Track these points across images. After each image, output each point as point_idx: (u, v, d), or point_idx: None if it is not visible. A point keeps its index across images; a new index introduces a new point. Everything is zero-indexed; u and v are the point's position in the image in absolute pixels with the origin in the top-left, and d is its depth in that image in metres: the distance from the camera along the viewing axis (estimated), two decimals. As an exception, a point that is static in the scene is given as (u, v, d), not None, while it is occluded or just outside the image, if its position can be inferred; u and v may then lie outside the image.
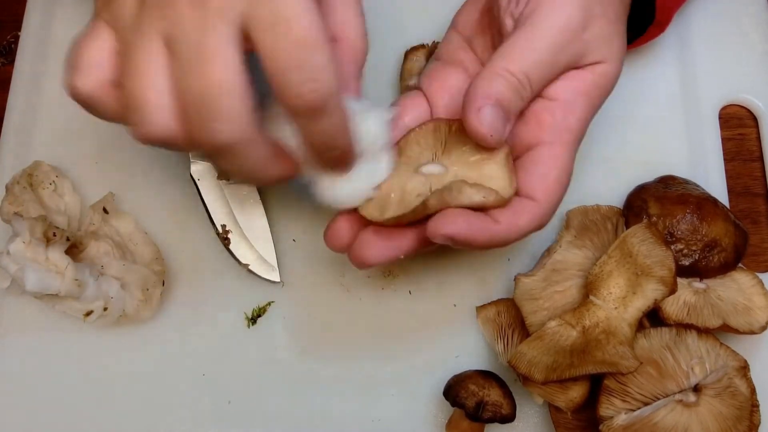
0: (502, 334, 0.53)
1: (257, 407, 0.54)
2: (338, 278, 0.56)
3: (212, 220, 0.56)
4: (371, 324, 0.55)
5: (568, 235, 0.54)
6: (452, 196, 0.43)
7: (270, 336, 0.55)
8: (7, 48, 0.64)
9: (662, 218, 0.51)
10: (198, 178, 0.56)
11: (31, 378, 0.54)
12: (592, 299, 0.48)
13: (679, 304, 0.50)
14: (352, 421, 0.53)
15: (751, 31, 0.62)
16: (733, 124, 0.61)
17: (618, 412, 0.47)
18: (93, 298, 0.52)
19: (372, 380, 0.54)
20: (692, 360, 0.48)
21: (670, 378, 0.48)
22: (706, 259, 0.51)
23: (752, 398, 0.48)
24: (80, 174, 0.59)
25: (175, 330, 0.55)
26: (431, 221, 0.44)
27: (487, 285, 0.56)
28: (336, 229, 0.47)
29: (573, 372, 0.46)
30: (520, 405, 0.50)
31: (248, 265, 0.55)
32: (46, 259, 0.50)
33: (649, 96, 0.60)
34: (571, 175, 0.47)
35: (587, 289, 0.49)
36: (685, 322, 0.49)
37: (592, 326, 0.48)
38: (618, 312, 0.48)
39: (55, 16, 0.63)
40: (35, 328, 0.55)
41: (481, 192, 0.43)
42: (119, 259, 0.54)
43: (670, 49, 0.61)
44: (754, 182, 0.59)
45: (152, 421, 0.53)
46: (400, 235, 0.45)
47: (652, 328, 0.50)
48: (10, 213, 0.53)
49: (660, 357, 0.49)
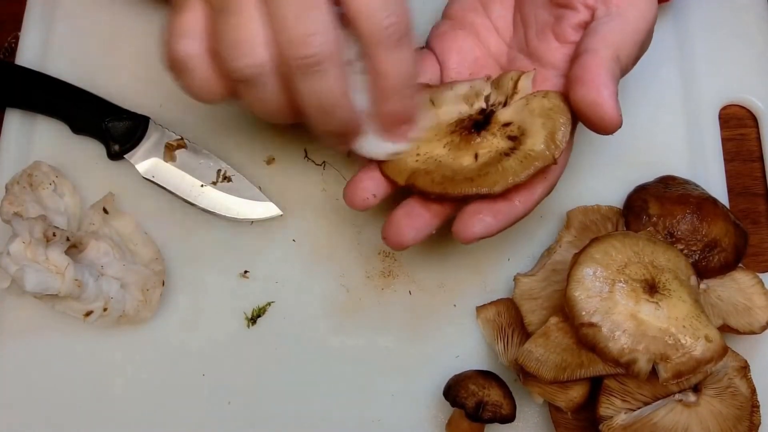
0: (502, 334, 0.53)
1: (257, 407, 0.54)
2: (338, 278, 0.56)
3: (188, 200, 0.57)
4: (371, 324, 0.55)
5: (568, 235, 0.54)
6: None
7: (270, 336, 0.55)
8: (7, 48, 0.64)
9: (662, 218, 0.51)
10: (152, 176, 0.57)
11: (31, 378, 0.54)
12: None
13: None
14: (352, 422, 0.53)
15: (751, 31, 0.62)
16: (733, 124, 0.61)
17: (618, 411, 0.47)
18: (93, 299, 0.52)
19: (372, 380, 0.54)
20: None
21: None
22: (706, 260, 0.51)
23: (752, 398, 0.48)
24: (80, 174, 0.59)
25: (175, 330, 0.55)
26: (458, 222, 0.46)
27: (487, 285, 0.56)
28: (356, 187, 0.48)
29: (584, 372, 0.46)
30: (520, 405, 0.50)
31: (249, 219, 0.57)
32: (46, 260, 0.50)
33: (649, 96, 0.60)
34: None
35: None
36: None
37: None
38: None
39: (55, 16, 0.63)
40: (35, 328, 0.55)
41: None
42: (119, 259, 0.54)
43: (670, 49, 0.61)
44: (754, 182, 0.59)
45: (152, 421, 0.53)
46: (429, 212, 0.47)
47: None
48: (10, 213, 0.53)
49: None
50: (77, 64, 0.62)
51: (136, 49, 0.62)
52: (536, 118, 0.47)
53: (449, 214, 0.47)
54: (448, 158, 0.47)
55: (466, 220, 0.45)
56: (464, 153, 0.47)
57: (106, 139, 0.58)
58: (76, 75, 0.60)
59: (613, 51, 0.45)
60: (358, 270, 0.56)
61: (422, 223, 0.47)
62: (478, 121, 0.48)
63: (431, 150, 0.48)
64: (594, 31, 0.46)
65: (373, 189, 0.48)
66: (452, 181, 0.46)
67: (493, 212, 0.45)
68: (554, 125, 0.46)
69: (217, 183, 0.57)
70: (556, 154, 0.45)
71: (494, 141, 0.47)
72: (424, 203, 0.47)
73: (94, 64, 0.62)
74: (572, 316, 0.46)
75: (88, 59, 0.62)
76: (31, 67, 0.60)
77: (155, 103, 0.60)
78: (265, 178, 0.58)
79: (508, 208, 0.46)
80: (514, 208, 0.46)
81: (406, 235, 0.47)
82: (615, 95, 0.44)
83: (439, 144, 0.48)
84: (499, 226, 0.46)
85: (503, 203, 0.46)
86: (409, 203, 0.48)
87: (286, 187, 0.58)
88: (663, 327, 0.45)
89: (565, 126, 0.46)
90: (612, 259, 0.47)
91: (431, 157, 0.48)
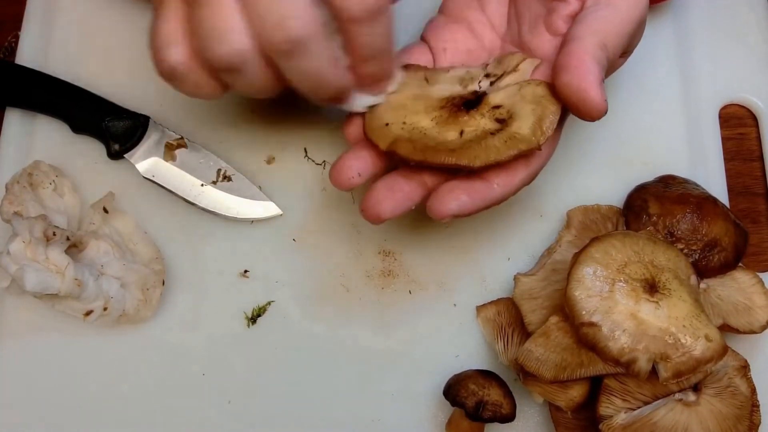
0: (502, 333, 0.53)
1: (257, 407, 0.54)
2: (338, 278, 0.56)
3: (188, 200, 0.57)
4: (371, 324, 0.55)
5: (569, 235, 0.54)
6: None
7: (270, 336, 0.55)
8: (7, 48, 0.64)
9: (662, 218, 0.51)
10: (153, 176, 0.57)
11: (31, 378, 0.54)
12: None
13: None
14: (352, 421, 0.53)
15: (751, 31, 0.62)
16: (733, 123, 0.61)
17: (618, 411, 0.47)
18: (93, 298, 0.52)
19: (372, 380, 0.54)
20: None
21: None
22: (706, 259, 0.51)
23: (752, 398, 0.48)
24: (80, 174, 0.59)
25: (175, 330, 0.55)
26: (433, 199, 0.45)
27: (487, 285, 0.56)
28: (342, 166, 0.48)
29: (584, 372, 0.46)
30: (520, 405, 0.50)
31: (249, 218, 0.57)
32: (46, 259, 0.50)
33: (649, 96, 0.60)
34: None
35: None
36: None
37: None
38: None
39: (55, 16, 0.63)
40: (35, 328, 0.55)
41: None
42: (119, 258, 0.54)
43: (670, 49, 0.61)
44: (754, 182, 0.59)
45: (152, 420, 0.53)
46: (409, 186, 0.47)
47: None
48: (10, 213, 0.53)
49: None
50: (77, 64, 0.62)
51: (136, 49, 0.61)
52: (527, 104, 0.47)
53: (430, 190, 0.47)
54: (433, 131, 0.47)
55: (442, 197, 0.45)
56: (450, 128, 0.47)
57: (106, 138, 0.58)
58: (76, 75, 0.60)
59: (600, 39, 0.45)
60: (358, 270, 0.56)
61: (402, 197, 0.46)
62: (470, 100, 0.48)
63: (418, 121, 0.48)
64: (581, 20, 0.46)
65: (358, 168, 0.47)
66: (433, 150, 0.45)
67: (469, 191, 0.45)
68: (543, 112, 0.46)
69: (217, 182, 0.57)
70: (541, 140, 0.45)
71: (482, 121, 0.47)
72: (405, 177, 0.47)
73: (94, 63, 0.62)
74: (572, 316, 0.46)
75: (88, 59, 0.62)
76: (31, 67, 0.60)
77: (155, 103, 0.60)
78: (265, 177, 0.58)
79: (486, 190, 0.45)
80: (491, 191, 0.45)
81: (384, 208, 0.46)
82: (600, 81, 0.44)
83: (427, 117, 0.48)
84: (474, 206, 0.45)
85: (481, 184, 0.45)
86: (391, 176, 0.47)
87: (286, 186, 0.58)
88: (663, 326, 0.45)
89: (554, 114, 0.46)
90: (612, 259, 0.47)
91: (417, 128, 0.47)
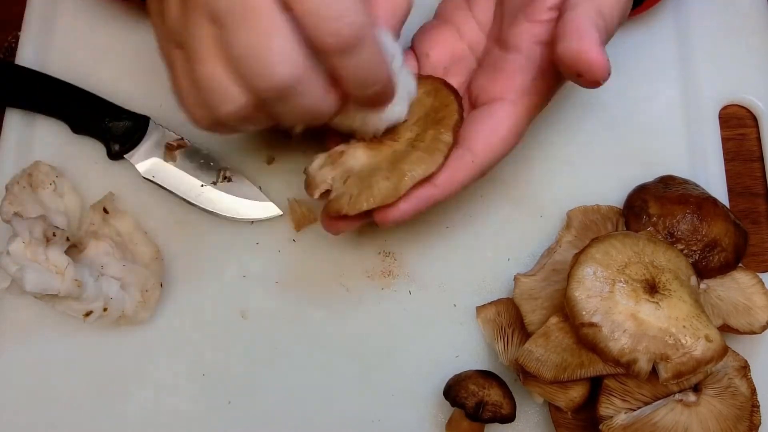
0: (502, 333, 0.53)
1: (257, 407, 0.54)
2: (338, 278, 0.56)
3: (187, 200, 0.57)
4: (371, 324, 0.55)
5: (569, 235, 0.54)
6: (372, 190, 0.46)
7: (270, 336, 0.55)
8: (7, 48, 0.64)
9: (662, 218, 0.51)
10: (153, 176, 0.57)
11: (31, 378, 0.54)
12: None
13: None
14: (352, 422, 0.53)
15: (751, 31, 0.62)
16: (733, 124, 0.61)
17: (618, 411, 0.47)
18: (93, 299, 0.52)
19: (372, 380, 0.54)
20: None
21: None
22: (706, 259, 0.51)
23: (752, 398, 0.48)
24: (80, 174, 0.59)
25: (174, 330, 0.55)
26: (376, 212, 0.47)
27: (487, 285, 0.56)
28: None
29: (584, 372, 0.46)
30: (520, 405, 0.50)
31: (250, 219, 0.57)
32: (46, 260, 0.50)
33: (650, 96, 0.60)
34: (520, 137, 0.48)
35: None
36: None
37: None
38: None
39: (55, 16, 0.63)
40: (35, 328, 0.55)
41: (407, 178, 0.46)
42: (119, 259, 0.54)
43: (670, 49, 0.61)
44: (754, 182, 0.59)
45: (152, 421, 0.53)
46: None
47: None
48: (10, 213, 0.53)
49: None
50: (77, 64, 0.61)
51: (137, 49, 0.62)
52: (429, 126, 0.48)
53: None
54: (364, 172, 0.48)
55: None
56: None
57: (106, 139, 0.58)
58: (76, 75, 0.60)
59: (596, 6, 0.45)
60: (358, 270, 0.56)
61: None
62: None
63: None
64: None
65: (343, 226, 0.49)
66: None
67: (408, 199, 0.46)
68: (447, 120, 0.48)
69: (217, 183, 0.57)
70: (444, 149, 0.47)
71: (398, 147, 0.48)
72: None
73: (94, 63, 0.62)
74: (572, 316, 0.46)
75: (89, 59, 0.62)
76: (31, 67, 0.60)
77: (155, 103, 0.60)
78: (265, 178, 0.58)
79: (426, 191, 0.47)
80: (432, 189, 0.47)
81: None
82: (600, 43, 0.43)
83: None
84: (417, 208, 0.47)
85: (422, 187, 0.47)
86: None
87: (286, 187, 0.58)
88: (663, 327, 0.45)
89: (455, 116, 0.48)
90: (612, 259, 0.47)
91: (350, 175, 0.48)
